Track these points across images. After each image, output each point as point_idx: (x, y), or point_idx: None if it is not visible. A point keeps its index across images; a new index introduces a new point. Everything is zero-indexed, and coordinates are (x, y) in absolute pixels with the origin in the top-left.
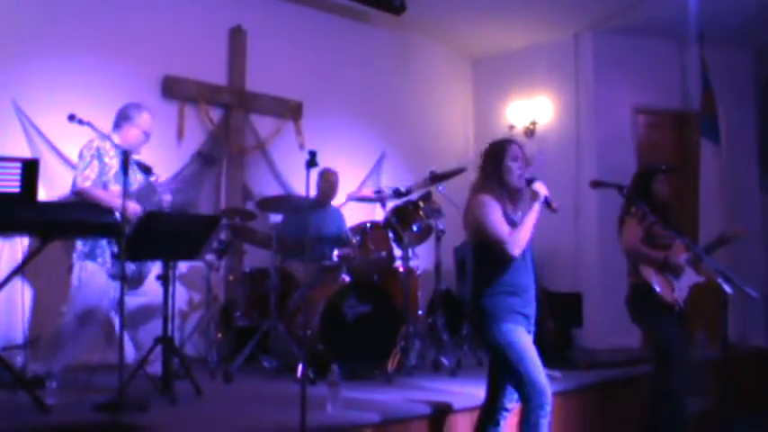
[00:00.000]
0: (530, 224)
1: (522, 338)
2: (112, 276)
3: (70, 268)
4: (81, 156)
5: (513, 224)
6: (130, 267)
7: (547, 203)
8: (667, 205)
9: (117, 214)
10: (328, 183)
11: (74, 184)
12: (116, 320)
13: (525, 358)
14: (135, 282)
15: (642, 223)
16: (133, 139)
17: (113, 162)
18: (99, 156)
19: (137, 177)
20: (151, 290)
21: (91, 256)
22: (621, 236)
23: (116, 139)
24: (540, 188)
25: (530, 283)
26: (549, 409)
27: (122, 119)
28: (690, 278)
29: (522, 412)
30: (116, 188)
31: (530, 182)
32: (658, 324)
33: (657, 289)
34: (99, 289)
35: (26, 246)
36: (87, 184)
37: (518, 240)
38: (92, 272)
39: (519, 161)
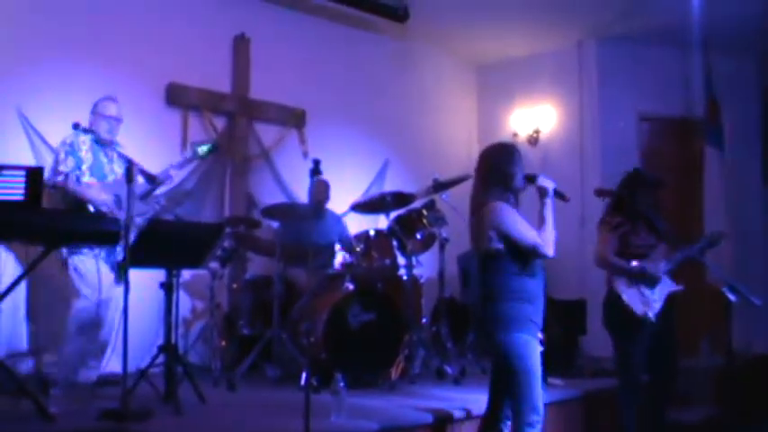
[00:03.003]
0: (551, 221)
1: (532, 353)
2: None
3: (63, 265)
4: (56, 152)
5: None
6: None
7: (558, 195)
8: (657, 212)
9: (90, 207)
10: (315, 191)
11: (48, 179)
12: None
13: (529, 374)
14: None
15: (615, 232)
16: (104, 129)
17: (88, 156)
18: (73, 151)
19: (114, 168)
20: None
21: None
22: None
23: (91, 135)
24: (547, 182)
25: (540, 290)
26: (539, 427)
27: (91, 114)
28: (667, 287)
29: (512, 425)
30: (91, 180)
31: (531, 179)
32: (623, 339)
33: (627, 302)
34: (95, 283)
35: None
36: (60, 179)
37: (548, 240)
38: (86, 266)
39: (521, 164)
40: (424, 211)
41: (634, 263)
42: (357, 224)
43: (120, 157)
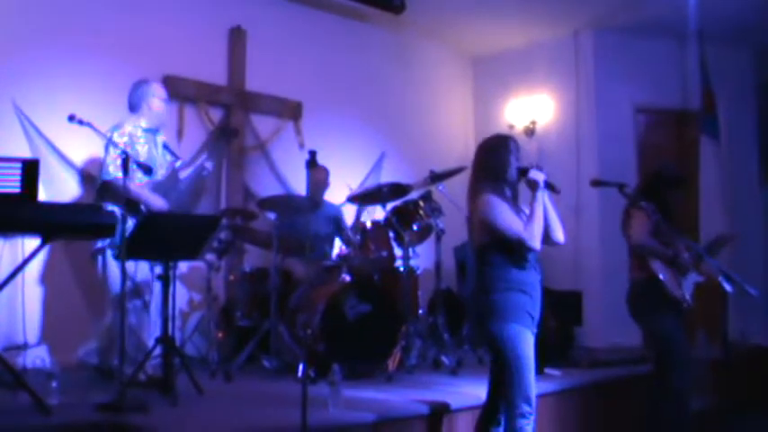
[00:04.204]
0: (540, 214)
1: (526, 344)
2: None
3: (95, 256)
4: (113, 143)
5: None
6: None
7: (549, 187)
8: (673, 212)
9: (143, 207)
10: (315, 179)
11: (105, 173)
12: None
13: (523, 366)
14: None
15: (651, 218)
16: (159, 110)
17: (143, 150)
18: (132, 144)
19: (161, 160)
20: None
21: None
22: (627, 229)
23: (143, 121)
24: (537, 175)
25: (536, 282)
26: (532, 418)
27: (141, 97)
28: (694, 277)
29: (506, 416)
30: (143, 179)
31: (524, 172)
32: (661, 321)
33: (667, 284)
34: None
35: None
36: (120, 174)
37: (534, 233)
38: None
39: (516, 156)
40: (421, 203)
41: None
42: (353, 216)
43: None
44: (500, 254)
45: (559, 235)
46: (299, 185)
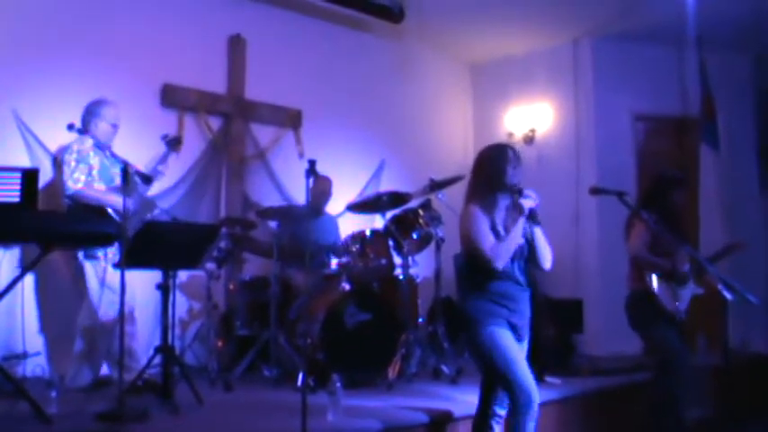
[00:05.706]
0: (513, 238)
1: (506, 340)
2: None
3: (80, 269)
4: (65, 161)
5: (498, 235)
6: None
7: (531, 217)
8: (678, 215)
9: (110, 210)
10: (319, 189)
11: (66, 189)
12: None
13: (509, 360)
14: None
15: (650, 229)
16: (107, 133)
17: (95, 161)
18: (82, 158)
19: (116, 171)
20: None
21: (90, 255)
22: (628, 240)
23: (89, 140)
24: (526, 202)
25: (518, 293)
26: (535, 408)
27: (89, 116)
28: (691, 288)
29: (509, 414)
30: (100, 185)
31: (516, 192)
32: (658, 331)
33: (660, 297)
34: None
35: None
36: (80, 185)
37: (500, 253)
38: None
39: (514, 165)
40: (421, 211)
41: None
42: (353, 224)
43: (116, 159)
44: (476, 264)
45: (547, 263)
46: (299, 194)
